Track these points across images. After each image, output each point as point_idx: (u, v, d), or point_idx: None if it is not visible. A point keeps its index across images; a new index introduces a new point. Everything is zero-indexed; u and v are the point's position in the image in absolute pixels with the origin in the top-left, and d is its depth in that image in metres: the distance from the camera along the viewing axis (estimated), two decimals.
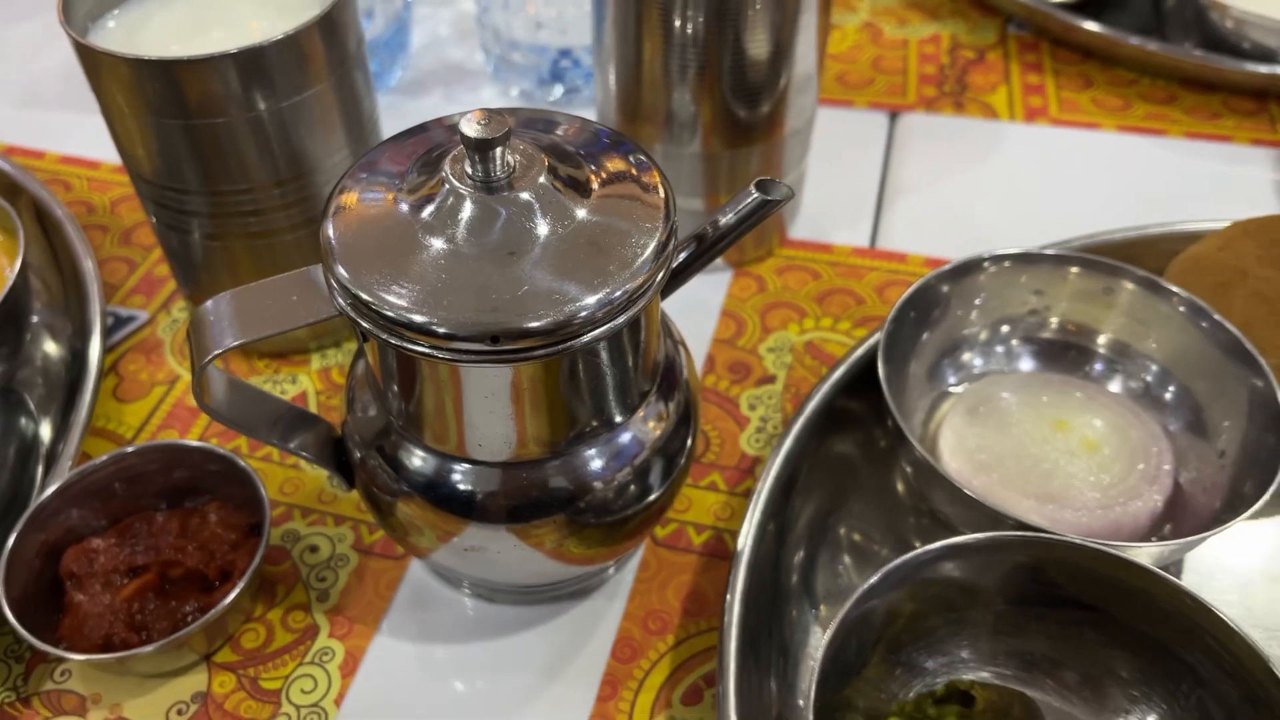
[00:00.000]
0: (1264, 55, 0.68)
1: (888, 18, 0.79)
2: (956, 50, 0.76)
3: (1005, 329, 0.51)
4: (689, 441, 0.41)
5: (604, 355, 0.34)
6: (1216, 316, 0.46)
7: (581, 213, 0.33)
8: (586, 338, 0.31)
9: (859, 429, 0.50)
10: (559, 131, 0.36)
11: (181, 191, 0.48)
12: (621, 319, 0.32)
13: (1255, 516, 0.42)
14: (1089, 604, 0.39)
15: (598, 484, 0.37)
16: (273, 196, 0.49)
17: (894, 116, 0.71)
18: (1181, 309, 0.47)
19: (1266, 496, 0.40)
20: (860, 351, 0.50)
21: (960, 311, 0.50)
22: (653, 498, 0.40)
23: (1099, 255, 0.50)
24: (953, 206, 0.64)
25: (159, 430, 0.53)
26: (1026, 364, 0.51)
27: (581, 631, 0.45)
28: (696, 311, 0.58)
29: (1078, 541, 0.37)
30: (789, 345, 0.55)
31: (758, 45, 0.50)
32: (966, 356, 0.51)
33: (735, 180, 0.56)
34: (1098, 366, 0.50)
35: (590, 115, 0.63)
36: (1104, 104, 0.70)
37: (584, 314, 0.31)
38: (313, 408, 0.53)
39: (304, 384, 0.55)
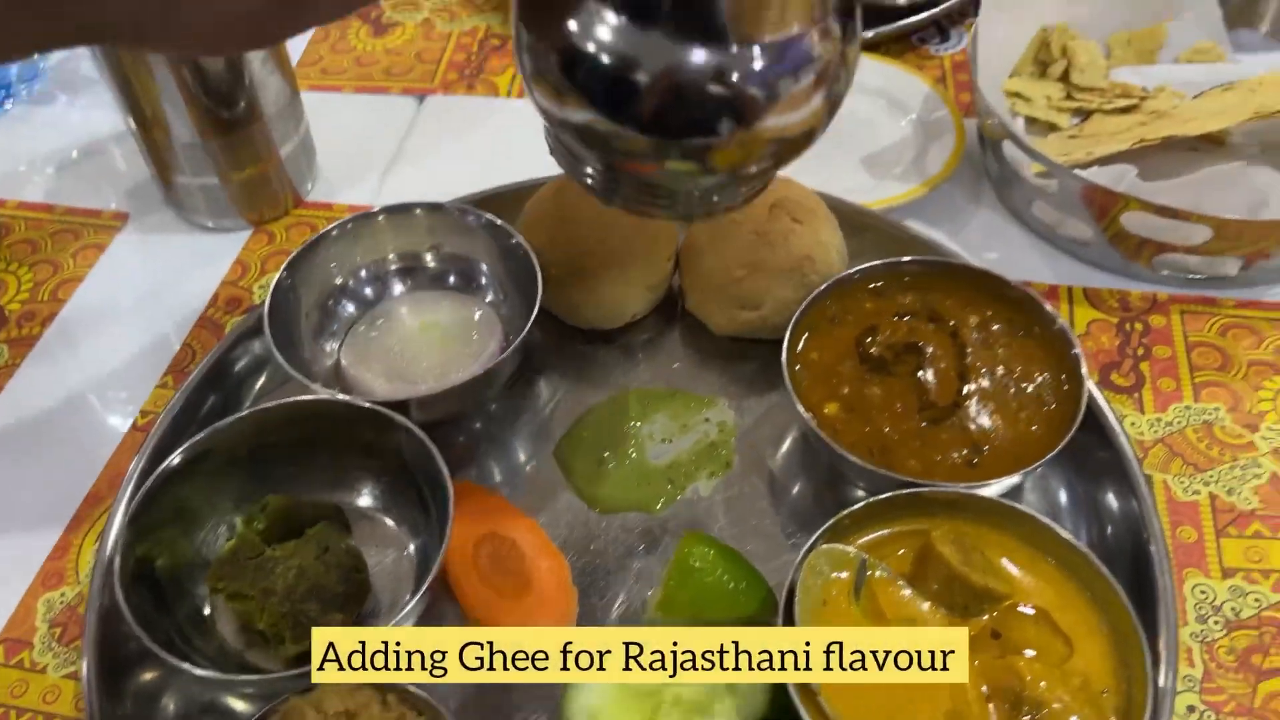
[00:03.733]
0: None
1: (443, 14, 0.97)
2: (487, 40, 0.94)
3: (408, 262, 0.69)
4: None
5: None
6: (516, 237, 0.65)
7: None
8: None
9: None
10: None
11: None
12: None
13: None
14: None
15: None
16: None
17: (421, 99, 0.89)
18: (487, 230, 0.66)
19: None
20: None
21: (365, 252, 0.68)
22: None
23: (481, 207, 0.68)
24: (447, 168, 0.82)
25: None
26: (423, 286, 0.70)
27: None
28: (215, 261, 0.75)
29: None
30: None
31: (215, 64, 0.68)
32: (380, 284, 0.69)
33: (237, 156, 0.74)
34: (456, 282, 0.69)
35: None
36: None
37: None
38: None
39: None
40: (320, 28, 0.96)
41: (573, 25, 0.37)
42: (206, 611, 0.56)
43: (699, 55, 0.36)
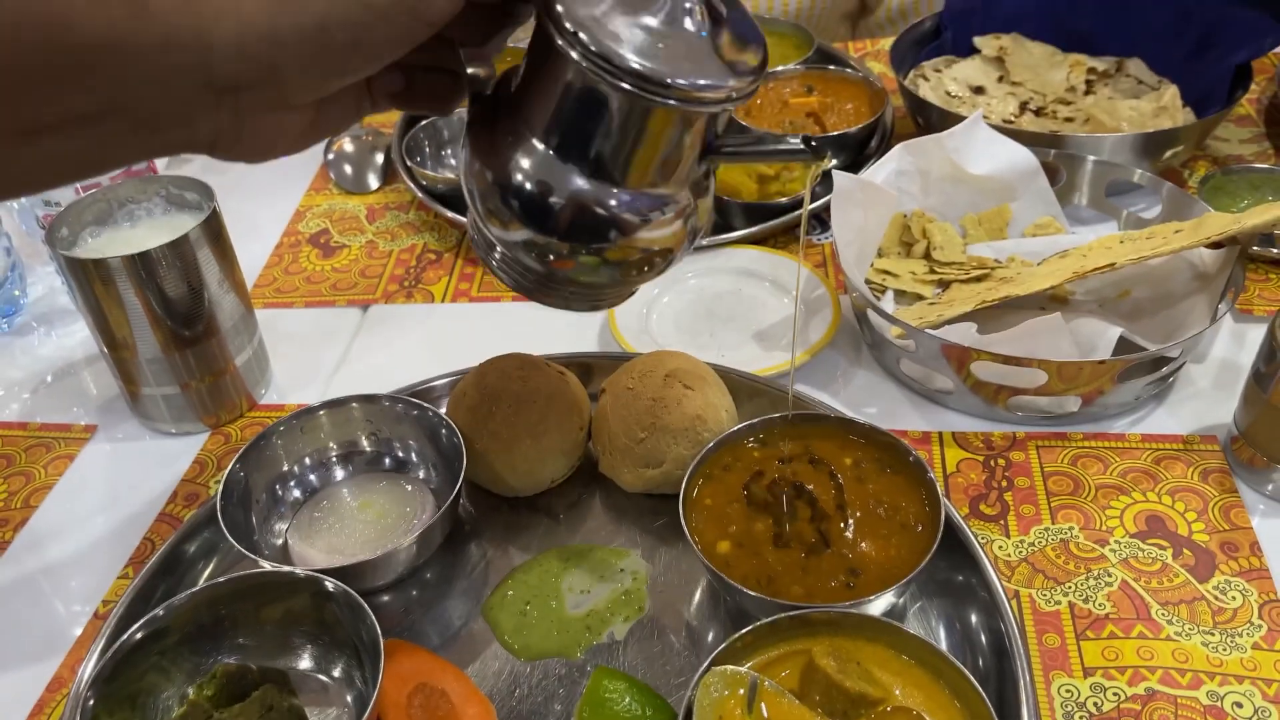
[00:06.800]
0: None
1: (385, 235, 1.09)
2: (424, 254, 1.05)
3: (347, 449, 0.77)
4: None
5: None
6: (442, 418, 0.73)
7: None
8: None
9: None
10: None
11: None
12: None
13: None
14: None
15: None
16: None
17: (365, 309, 0.99)
18: (415, 415, 0.75)
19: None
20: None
21: (308, 442, 0.76)
22: None
23: (413, 397, 0.77)
24: (387, 367, 0.92)
25: None
26: (361, 469, 0.77)
27: None
28: (175, 462, 0.83)
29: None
30: None
31: (178, 291, 0.78)
32: (323, 470, 0.77)
33: (196, 367, 0.83)
34: (391, 464, 0.77)
35: None
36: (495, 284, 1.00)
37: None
38: None
39: None
40: (274, 252, 1.08)
41: (517, 176, 0.53)
42: None
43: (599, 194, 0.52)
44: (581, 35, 0.48)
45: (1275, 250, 0.92)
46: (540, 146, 0.52)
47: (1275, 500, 0.72)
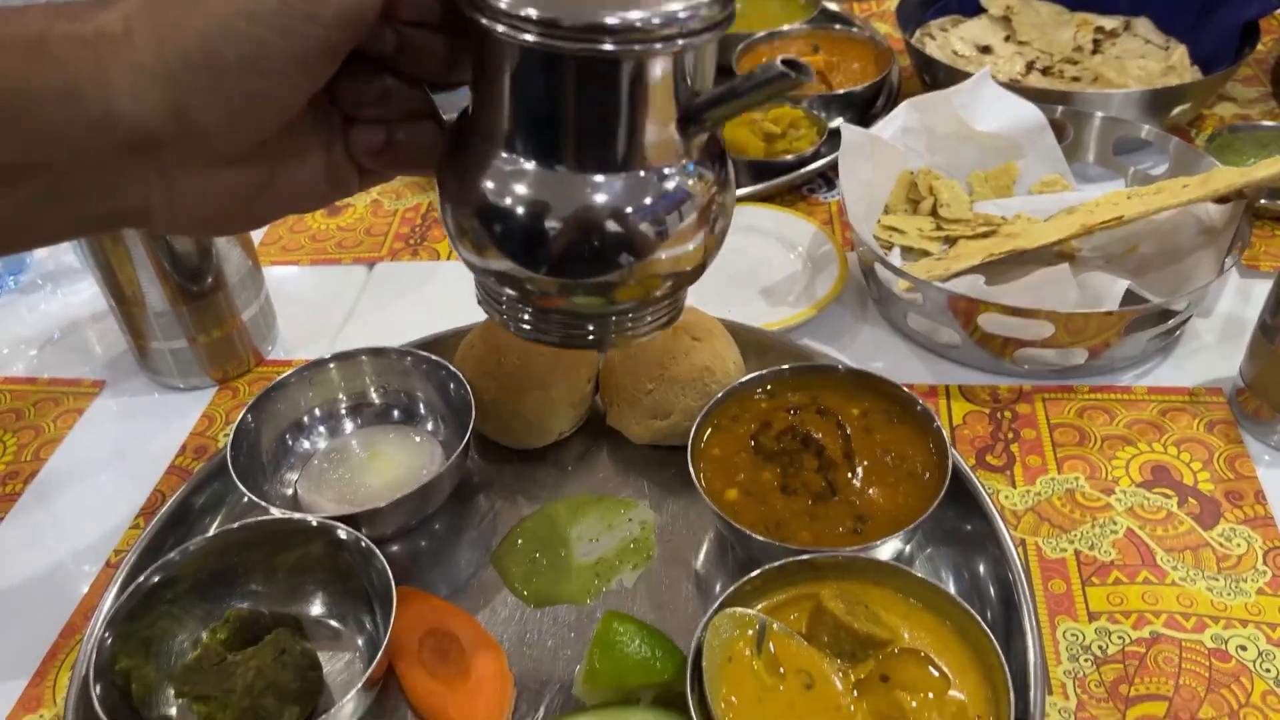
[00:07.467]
0: None
1: (389, 194, 1.09)
2: (429, 213, 1.05)
3: (356, 401, 0.78)
4: None
5: None
6: (451, 370, 0.74)
7: None
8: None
9: None
10: None
11: None
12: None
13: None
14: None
15: None
16: None
17: (371, 266, 0.99)
18: (424, 367, 0.75)
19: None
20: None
21: (318, 394, 0.77)
22: None
23: (421, 350, 0.77)
24: (393, 324, 0.92)
25: None
26: (371, 421, 0.78)
27: None
28: (183, 416, 0.83)
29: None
30: None
31: (185, 244, 0.78)
32: (333, 422, 0.77)
33: (204, 320, 0.83)
34: (400, 416, 0.77)
35: None
36: None
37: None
38: None
39: None
40: None
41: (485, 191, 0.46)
42: (173, 712, 0.61)
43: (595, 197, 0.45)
44: (510, 8, 0.40)
45: None
46: (528, 165, 0.45)
47: None
